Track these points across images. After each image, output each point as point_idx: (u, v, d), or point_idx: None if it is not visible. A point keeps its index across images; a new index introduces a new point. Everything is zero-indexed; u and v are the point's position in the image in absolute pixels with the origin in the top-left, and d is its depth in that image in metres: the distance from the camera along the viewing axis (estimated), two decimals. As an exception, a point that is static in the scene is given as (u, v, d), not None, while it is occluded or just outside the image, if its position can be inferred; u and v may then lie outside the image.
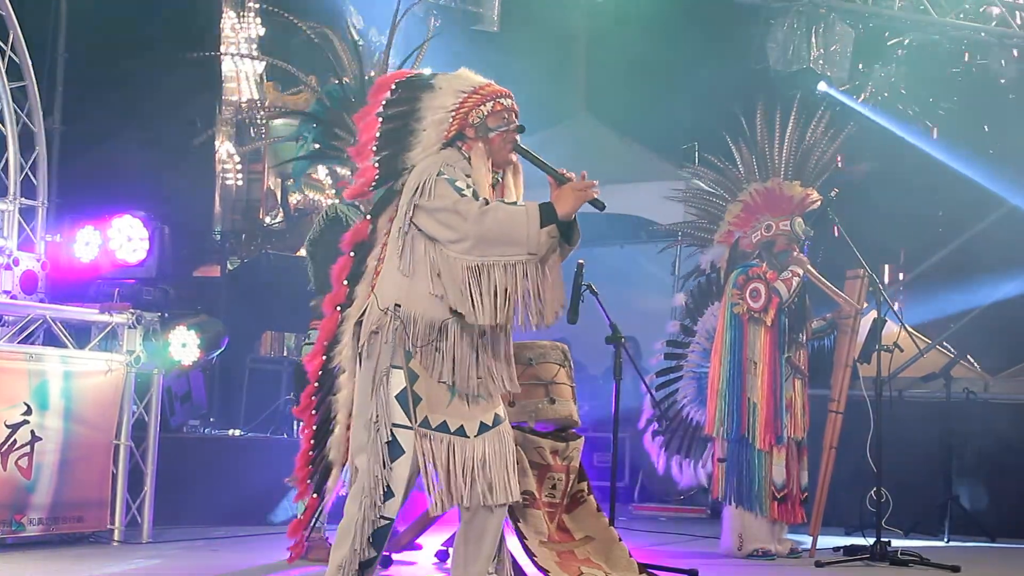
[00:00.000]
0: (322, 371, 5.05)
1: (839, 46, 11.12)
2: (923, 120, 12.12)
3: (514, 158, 4.92)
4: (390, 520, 4.66)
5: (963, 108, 12.00)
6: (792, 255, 7.54)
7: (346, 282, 5.00)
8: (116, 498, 7.08)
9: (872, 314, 7.59)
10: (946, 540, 8.69)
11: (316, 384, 5.08)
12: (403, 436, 4.61)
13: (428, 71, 5.32)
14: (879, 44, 11.97)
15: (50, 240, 7.76)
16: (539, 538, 5.78)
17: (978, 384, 9.83)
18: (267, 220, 13.00)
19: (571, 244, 4.72)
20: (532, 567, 5.73)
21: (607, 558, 5.98)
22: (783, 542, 7.46)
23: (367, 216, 4.97)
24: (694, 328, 8.07)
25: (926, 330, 10.45)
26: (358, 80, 6.94)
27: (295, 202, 13.31)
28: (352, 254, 5.01)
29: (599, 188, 4.68)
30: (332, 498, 5.02)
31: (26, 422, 6.59)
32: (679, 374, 8.08)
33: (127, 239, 8.32)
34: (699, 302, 8.09)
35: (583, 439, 6.19)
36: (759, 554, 7.30)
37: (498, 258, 4.56)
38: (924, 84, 12.00)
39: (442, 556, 6.41)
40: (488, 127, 4.83)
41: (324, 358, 5.06)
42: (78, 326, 7.24)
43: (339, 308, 5.00)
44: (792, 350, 7.50)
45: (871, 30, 11.68)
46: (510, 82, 4.96)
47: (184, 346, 7.81)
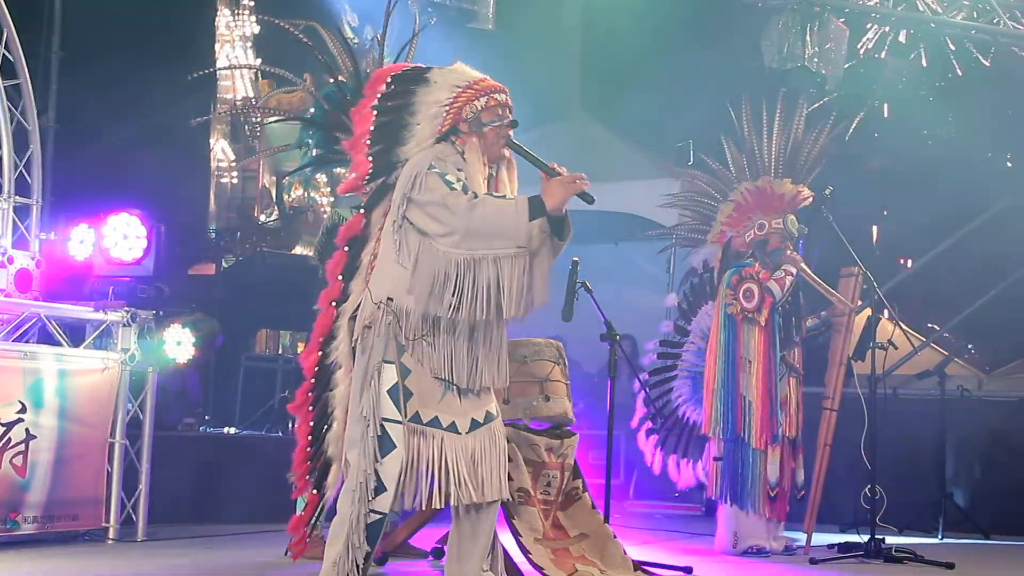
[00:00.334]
0: (318, 367, 5.06)
1: (834, 44, 11.12)
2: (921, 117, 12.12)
3: (507, 153, 4.92)
4: (383, 515, 4.65)
5: (962, 105, 12.00)
6: (785, 253, 7.54)
7: (341, 277, 5.01)
8: (111, 496, 7.08)
9: (866, 312, 7.61)
10: (940, 537, 8.69)
11: (312, 380, 5.08)
12: (394, 431, 4.61)
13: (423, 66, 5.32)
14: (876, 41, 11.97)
15: (44, 238, 7.76)
16: (534, 535, 5.79)
17: (972, 381, 9.85)
18: (262, 218, 13.01)
19: (562, 239, 4.74)
20: (527, 564, 5.73)
21: (602, 555, 5.98)
22: (778, 539, 7.47)
23: (360, 210, 4.98)
24: (688, 328, 8.09)
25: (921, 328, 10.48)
26: (353, 78, 6.92)
27: (290, 200, 13.32)
28: (346, 249, 5.02)
29: (588, 182, 4.69)
30: (333, 494, 5.02)
31: (21, 420, 6.58)
32: (673, 373, 8.10)
33: (123, 237, 8.32)
34: (693, 302, 8.11)
35: (578, 436, 6.20)
36: (754, 551, 7.31)
37: (487, 251, 4.57)
38: (921, 81, 12.00)
39: (437, 554, 6.41)
40: (482, 122, 4.84)
41: (320, 354, 5.07)
42: (73, 324, 7.23)
43: (334, 304, 5.01)
44: (786, 348, 7.51)
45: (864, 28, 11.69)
46: (505, 80, 4.97)
47: (179, 344, 7.82)
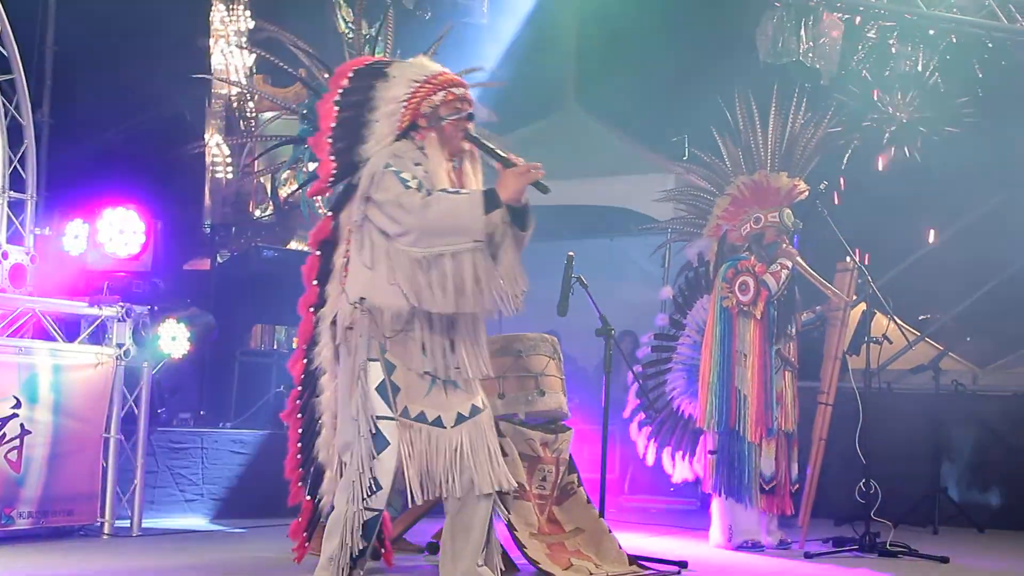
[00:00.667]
0: (304, 374, 5.07)
1: (828, 38, 11.12)
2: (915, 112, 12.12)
3: (469, 146, 4.93)
4: (379, 511, 4.67)
5: (956, 101, 12.00)
6: (781, 247, 7.55)
7: (315, 282, 5.02)
8: (106, 491, 7.08)
9: (861, 306, 7.61)
10: (935, 531, 8.72)
11: (300, 387, 5.09)
12: (387, 428, 4.63)
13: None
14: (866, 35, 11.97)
15: (39, 233, 7.74)
16: (529, 530, 5.79)
17: (967, 376, 9.86)
18: (257, 213, 12.97)
19: (524, 230, 4.75)
20: (522, 559, 5.74)
21: (597, 550, 5.99)
22: (773, 533, 7.48)
23: (328, 213, 4.99)
24: (683, 321, 8.09)
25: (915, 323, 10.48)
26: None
27: (285, 195, 13.28)
28: (318, 252, 5.03)
29: (543, 171, 4.71)
30: (330, 500, 5.02)
31: (15, 415, 6.58)
32: (668, 366, 8.10)
33: (118, 232, 8.30)
34: (689, 296, 8.11)
35: (572, 431, 6.21)
36: (748, 545, 7.32)
37: (444, 248, 4.59)
38: (916, 77, 12.00)
39: (433, 548, 6.41)
40: (440, 116, 4.85)
41: (305, 360, 5.07)
42: (67, 319, 7.23)
43: (312, 309, 5.02)
44: (782, 342, 7.51)
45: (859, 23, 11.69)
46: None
47: (174, 339, 7.79)
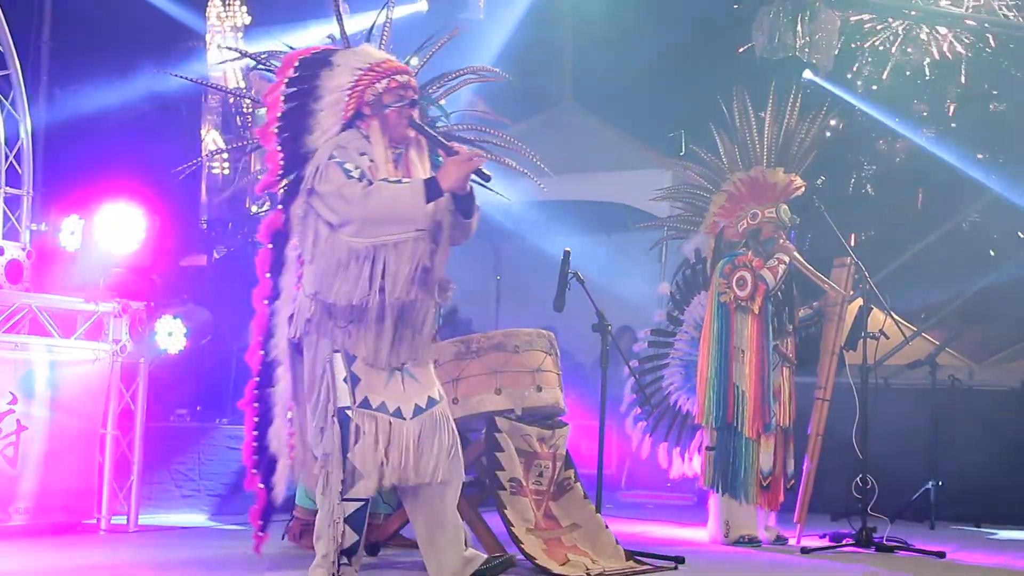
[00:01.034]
0: (261, 365, 5.08)
1: (824, 33, 11.13)
2: (909, 109, 12.14)
3: (415, 134, 4.95)
4: (364, 501, 4.70)
5: (952, 96, 12.03)
6: (778, 242, 7.55)
7: (268, 275, 5.04)
8: (103, 487, 7.08)
9: (858, 301, 7.62)
10: (931, 526, 8.72)
11: (257, 378, 5.10)
12: (357, 417, 4.69)
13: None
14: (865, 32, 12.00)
15: (35, 229, 7.73)
16: (526, 525, 5.79)
17: (963, 371, 9.86)
18: (254, 209, 12.97)
19: (468, 217, 4.80)
20: (518, 554, 5.73)
21: (594, 545, 5.99)
22: (769, 529, 7.48)
23: (279, 206, 5.00)
24: (681, 318, 8.08)
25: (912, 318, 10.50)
26: None
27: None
28: (271, 245, 5.05)
29: (484, 158, 4.79)
30: (283, 489, 5.04)
31: (12, 411, 6.59)
32: (665, 362, 8.10)
33: (115, 228, 8.28)
34: (686, 292, 8.10)
35: (569, 427, 6.20)
36: (745, 541, 7.32)
37: (387, 237, 4.63)
38: (911, 73, 12.02)
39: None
40: (383, 104, 4.85)
41: (262, 352, 5.09)
42: (64, 315, 7.22)
43: (266, 301, 5.04)
44: (779, 338, 7.51)
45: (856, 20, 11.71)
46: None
47: (170, 335, 7.80)
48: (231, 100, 12.61)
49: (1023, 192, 11.18)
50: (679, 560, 6.25)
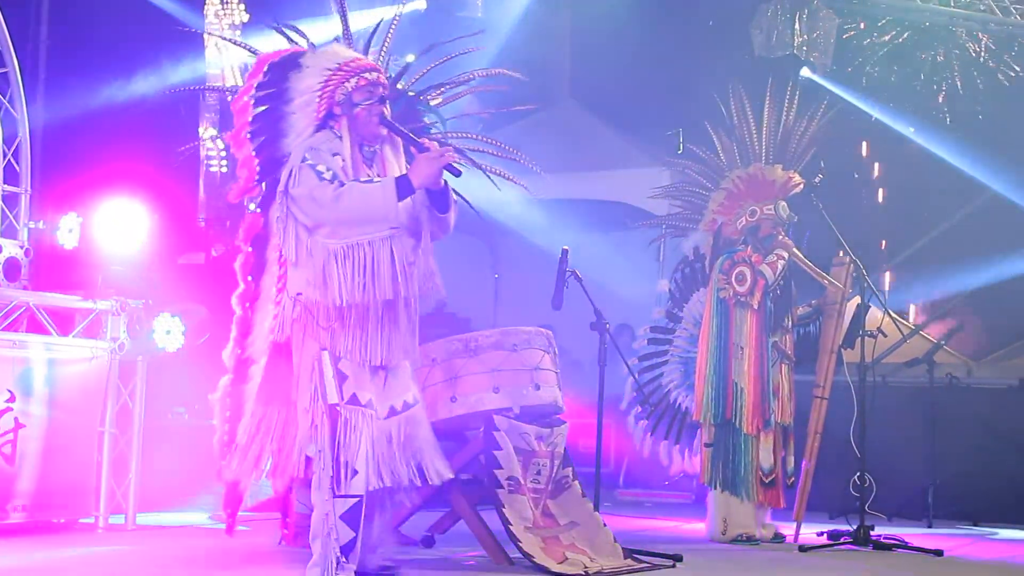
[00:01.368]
0: (237, 362, 5.10)
1: (822, 32, 11.12)
2: (908, 107, 12.12)
3: (387, 131, 4.96)
4: (358, 496, 4.71)
5: (951, 95, 12.01)
6: (777, 239, 7.56)
7: (250, 277, 5.06)
8: (101, 485, 7.07)
9: (856, 299, 7.62)
10: (929, 525, 8.73)
11: (232, 375, 5.12)
12: (347, 413, 4.70)
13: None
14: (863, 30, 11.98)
15: (33, 227, 7.73)
16: (524, 524, 5.79)
17: (961, 369, 9.87)
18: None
19: (444, 212, 4.82)
20: (516, 552, 5.74)
21: (592, 543, 5.99)
22: (767, 527, 7.48)
23: (257, 210, 5.02)
24: (679, 315, 8.09)
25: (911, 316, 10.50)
26: None
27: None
28: (251, 248, 5.07)
29: (455, 155, 4.79)
30: (250, 483, 5.08)
31: (10, 409, 6.58)
32: (664, 359, 8.10)
33: (113, 225, 8.28)
34: (685, 289, 8.11)
35: (567, 425, 6.20)
36: (743, 539, 7.32)
37: (361, 237, 4.67)
38: (909, 70, 12.00)
39: (427, 542, 6.41)
40: (353, 102, 4.86)
41: (239, 350, 5.11)
42: (62, 313, 7.21)
43: (248, 304, 5.06)
44: (779, 335, 7.51)
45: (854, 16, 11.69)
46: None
47: (168, 333, 7.79)
48: (229, 98, 12.59)
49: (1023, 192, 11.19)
50: (677, 558, 6.25)
